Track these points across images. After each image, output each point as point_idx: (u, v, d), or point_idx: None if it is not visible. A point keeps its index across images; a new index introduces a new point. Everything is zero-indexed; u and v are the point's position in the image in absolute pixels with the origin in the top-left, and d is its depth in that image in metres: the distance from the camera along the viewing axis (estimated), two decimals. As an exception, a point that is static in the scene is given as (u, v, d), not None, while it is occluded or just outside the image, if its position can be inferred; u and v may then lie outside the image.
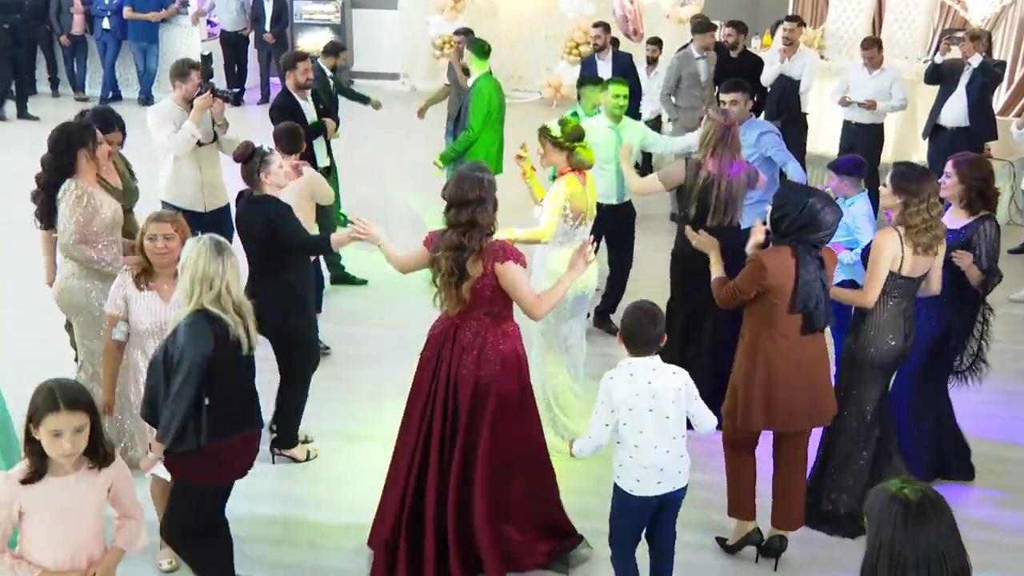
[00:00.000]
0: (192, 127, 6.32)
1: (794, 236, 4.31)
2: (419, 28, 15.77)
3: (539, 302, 4.34)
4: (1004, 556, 4.81)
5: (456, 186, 4.24)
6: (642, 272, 8.12)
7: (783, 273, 4.29)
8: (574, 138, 5.31)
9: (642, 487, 4.02)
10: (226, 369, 3.79)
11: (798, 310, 4.34)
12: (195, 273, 3.75)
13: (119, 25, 14.27)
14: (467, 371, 4.31)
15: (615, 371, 3.97)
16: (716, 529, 4.95)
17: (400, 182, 10.96)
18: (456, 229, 4.21)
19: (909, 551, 2.49)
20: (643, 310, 3.96)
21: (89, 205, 5.08)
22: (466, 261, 4.18)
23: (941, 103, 8.85)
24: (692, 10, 11.81)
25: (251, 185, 5.07)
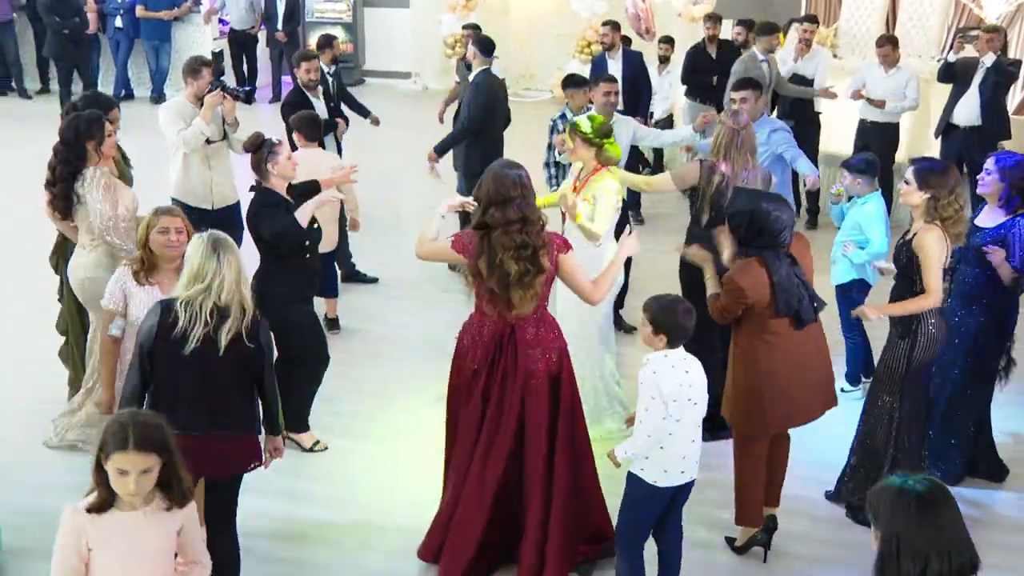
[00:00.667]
0: (202, 124, 6.34)
1: (754, 243, 4.35)
2: (431, 27, 15.76)
3: (597, 287, 4.37)
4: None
5: (495, 184, 4.16)
6: (653, 270, 8.10)
7: (759, 287, 4.32)
8: (603, 134, 5.33)
9: (668, 478, 4.00)
10: (162, 360, 3.77)
11: (783, 315, 4.36)
12: (191, 269, 3.77)
13: (132, 23, 14.31)
14: (539, 366, 4.26)
15: (654, 364, 3.94)
16: (722, 526, 4.94)
17: (409, 180, 10.97)
18: (506, 228, 4.12)
19: (930, 542, 2.49)
20: (681, 303, 4.03)
21: (115, 191, 5.20)
22: (537, 256, 4.13)
23: (954, 102, 8.79)
24: (704, 8, 11.77)
25: (259, 175, 5.11)
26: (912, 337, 4.74)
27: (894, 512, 2.54)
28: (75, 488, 4.75)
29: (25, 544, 4.62)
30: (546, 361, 4.27)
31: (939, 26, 11.11)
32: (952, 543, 2.51)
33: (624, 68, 9.56)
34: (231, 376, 3.85)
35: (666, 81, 10.69)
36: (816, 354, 4.57)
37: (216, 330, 3.74)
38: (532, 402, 4.27)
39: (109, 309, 4.46)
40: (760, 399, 4.47)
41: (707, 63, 10.19)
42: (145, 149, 6.44)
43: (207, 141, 6.44)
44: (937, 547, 2.49)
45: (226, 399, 3.88)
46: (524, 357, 4.24)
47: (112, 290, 4.46)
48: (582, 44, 14.64)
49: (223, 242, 3.82)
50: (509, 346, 4.25)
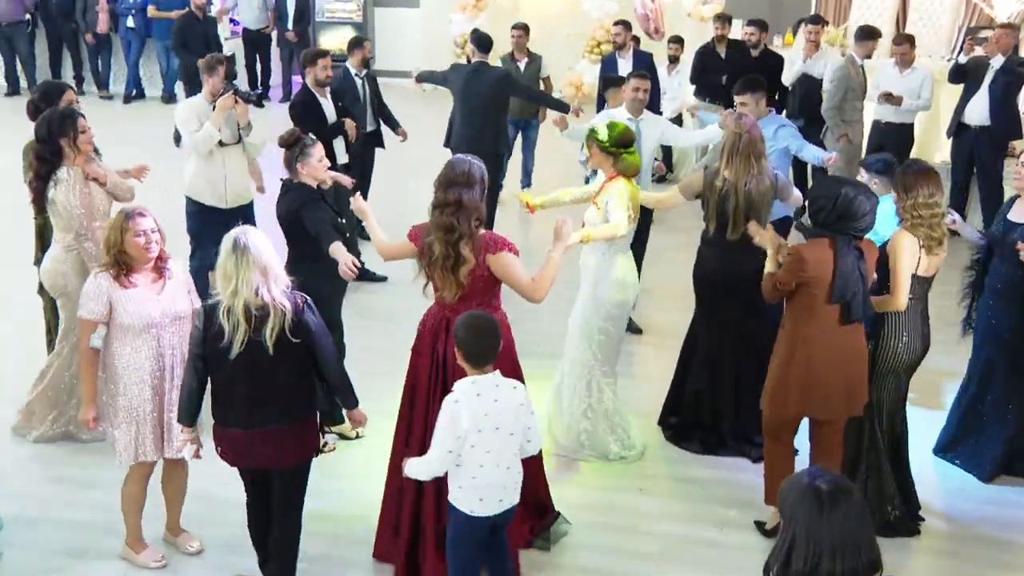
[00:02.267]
0: (212, 128, 6.34)
1: (832, 227, 4.35)
2: (441, 26, 15.79)
3: (536, 285, 4.29)
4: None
5: (447, 168, 4.31)
6: (661, 271, 8.12)
7: (822, 264, 4.35)
8: (621, 143, 5.23)
9: (484, 507, 3.86)
10: (213, 363, 3.93)
11: (835, 300, 4.38)
12: (219, 269, 3.85)
13: (143, 23, 14.41)
14: None
15: (458, 394, 3.77)
16: (731, 525, 4.96)
17: (417, 178, 10.98)
18: (444, 209, 4.23)
19: (825, 538, 2.49)
20: (478, 323, 3.80)
21: (86, 191, 5.25)
22: (459, 243, 4.19)
23: (965, 101, 8.79)
24: (714, 8, 11.78)
25: (290, 172, 5.15)
26: (875, 340, 4.76)
27: (795, 507, 2.55)
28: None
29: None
30: None
31: (950, 25, 11.08)
32: (847, 543, 2.49)
33: (634, 68, 9.57)
34: (283, 373, 3.93)
35: (675, 81, 10.70)
36: (854, 354, 4.56)
37: (258, 331, 3.81)
38: None
39: (90, 319, 4.30)
40: (793, 382, 4.52)
41: (717, 63, 10.19)
42: (156, 148, 6.48)
43: (220, 144, 6.45)
44: (831, 546, 2.48)
45: (281, 395, 3.96)
46: (451, 350, 4.17)
47: (91, 300, 4.29)
48: (592, 44, 14.66)
49: (243, 240, 3.83)
50: (443, 335, 4.33)
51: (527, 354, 6.40)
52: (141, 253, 4.28)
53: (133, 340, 4.31)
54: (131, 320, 4.27)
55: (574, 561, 4.70)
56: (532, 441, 3.95)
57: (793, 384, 4.52)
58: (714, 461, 5.57)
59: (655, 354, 6.95)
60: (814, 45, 9.60)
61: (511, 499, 3.94)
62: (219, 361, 3.89)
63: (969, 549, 4.89)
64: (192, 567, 4.63)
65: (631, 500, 5.19)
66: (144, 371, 4.33)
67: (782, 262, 4.58)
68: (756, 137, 5.30)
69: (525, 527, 4.66)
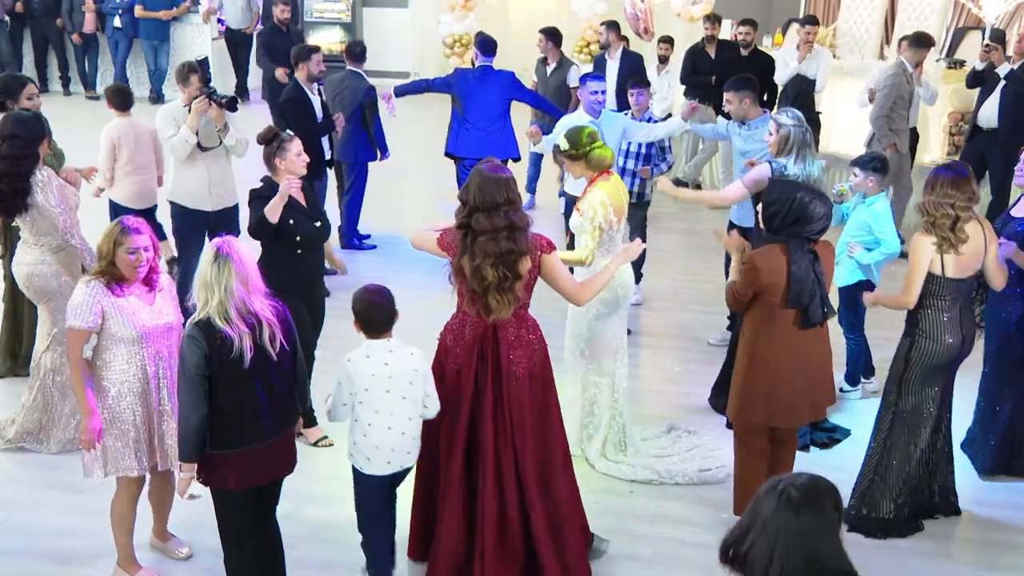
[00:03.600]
0: (187, 133, 6.30)
1: (787, 232, 4.37)
2: (430, 26, 15.77)
3: (583, 288, 4.36)
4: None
5: (482, 188, 4.10)
6: (656, 270, 8.13)
7: (776, 271, 4.36)
8: (584, 143, 5.19)
9: (372, 466, 4.12)
10: (225, 381, 3.76)
11: (791, 306, 4.39)
12: (202, 279, 3.75)
13: (130, 23, 14.37)
14: (520, 367, 4.22)
15: (353, 352, 4.06)
16: (718, 527, 4.87)
17: (409, 179, 10.97)
18: (493, 235, 4.07)
19: (771, 535, 2.44)
20: (371, 294, 4.07)
21: (62, 188, 5.27)
22: (516, 263, 4.11)
23: (980, 104, 8.81)
24: (703, 9, 11.77)
25: (268, 168, 5.17)
26: (911, 337, 4.77)
27: (759, 503, 2.51)
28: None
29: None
30: (528, 363, 4.25)
31: (938, 26, 11.12)
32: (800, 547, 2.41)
33: (621, 68, 9.60)
34: (282, 378, 3.93)
35: (665, 81, 10.72)
36: (818, 358, 4.57)
37: (259, 338, 3.78)
38: (516, 403, 4.24)
39: (84, 329, 4.14)
40: (755, 391, 4.53)
41: (706, 63, 10.22)
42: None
43: (202, 148, 6.40)
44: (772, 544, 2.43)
45: (282, 402, 3.96)
46: (506, 358, 4.21)
47: (84, 310, 4.14)
48: (581, 44, 14.65)
49: (225, 249, 3.77)
50: (491, 347, 4.23)
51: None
52: (130, 270, 4.17)
53: (124, 350, 4.21)
54: (123, 330, 4.17)
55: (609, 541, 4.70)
56: (429, 408, 4.16)
57: (757, 394, 4.53)
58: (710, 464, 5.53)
59: (652, 356, 6.98)
60: (810, 46, 9.62)
61: (400, 462, 4.15)
62: (230, 376, 3.76)
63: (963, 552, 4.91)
64: (182, 572, 4.59)
65: (623, 502, 5.19)
66: (133, 382, 4.24)
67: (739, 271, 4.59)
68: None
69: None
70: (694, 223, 9.76)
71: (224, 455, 3.85)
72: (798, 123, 5.56)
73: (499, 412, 4.23)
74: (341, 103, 8.19)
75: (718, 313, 7.15)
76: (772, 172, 5.51)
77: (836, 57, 11.29)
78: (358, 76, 8.48)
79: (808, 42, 9.62)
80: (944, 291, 4.67)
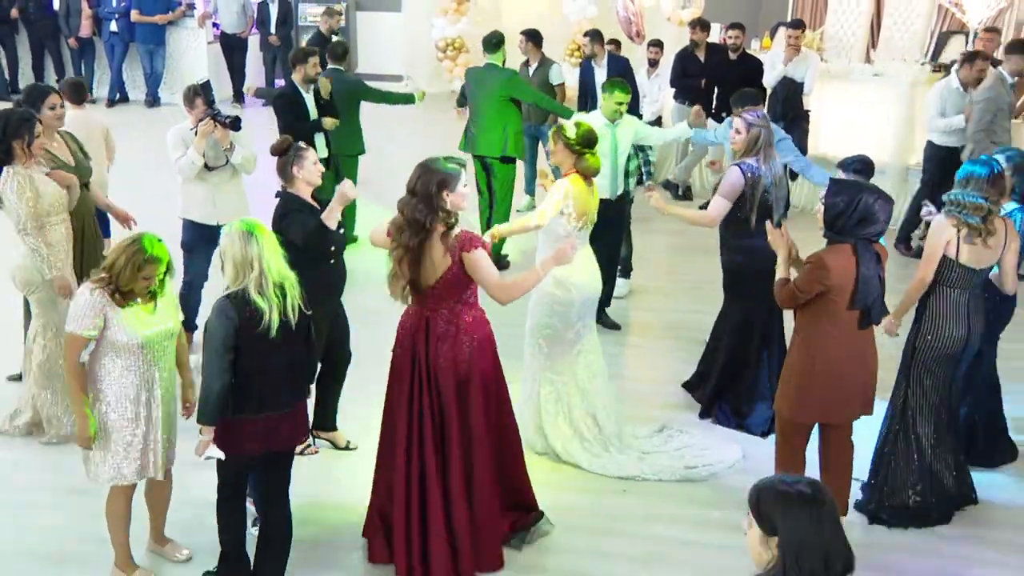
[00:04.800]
0: (195, 155, 6.34)
1: (851, 232, 4.34)
2: (423, 30, 15.90)
3: (505, 287, 4.40)
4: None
5: (416, 175, 4.36)
6: (648, 270, 8.25)
7: (845, 271, 4.33)
8: (586, 143, 5.31)
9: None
10: (252, 351, 3.95)
11: (858, 307, 4.39)
12: (235, 259, 3.92)
13: (126, 28, 14.44)
14: (446, 360, 4.37)
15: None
16: (709, 525, 5.00)
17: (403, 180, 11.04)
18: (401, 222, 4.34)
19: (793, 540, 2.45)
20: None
21: (32, 191, 5.31)
22: (403, 263, 4.32)
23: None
24: (692, 13, 11.92)
25: (284, 179, 5.12)
26: (918, 324, 4.90)
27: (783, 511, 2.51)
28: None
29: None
30: (454, 356, 4.37)
31: (923, 30, 11.30)
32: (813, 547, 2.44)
33: (608, 73, 9.69)
34: (301, 347, 4.14)
35: (655, 84, 10.83)
36: (869, 358, 4.61)
37: (283, 308, 3.97)
38: (445, 396, 4.40)
39: (82, 335, 4.12)
40: (814, 390, 4.52)
41: (696, 66, 10.34)
42: (140, 152, 6.50)
43: (208, 168, 6.44)
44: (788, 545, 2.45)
45: (302, 370, 4.19)
46: (433, 350, 4.38)
47: (86, 316, 4.10)
48: (572, 47, 14.80)
49: (253, 226, 3.97)
50: (421, 338, 4.40)
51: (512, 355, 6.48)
52: (142, 291, 4.18)
53: (124, 358, 4.19)
54: (126, 338, 4.15)
55: (557, 563, 4.71)
56: None
57: (816, 391, 4.52)
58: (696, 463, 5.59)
59: (640, 354, 7.03)
60: (794, 49, 9.76)
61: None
62: (255, 347, 3.95)
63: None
64: (180, 573, 4.61)
65: (614, 502, 5.23)
66: (131, 390, 4.22)
67: (797, 269, 4.56)
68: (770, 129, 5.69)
69: (505, 522, 4.71)
70: (682, 223, 9.82)
71: (246, 420, 4.04)
72: (766, 124, 5.67)
73: (419, 395, 4.41)
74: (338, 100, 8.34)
75: (709, 312, 7.00)
76: (744, 174, 5.57)
77: (823, 60, 11.45)
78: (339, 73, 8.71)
79: (793, 45, 9.74)
80: (955, 278, 4.79)
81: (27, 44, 15.05)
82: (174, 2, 14.82)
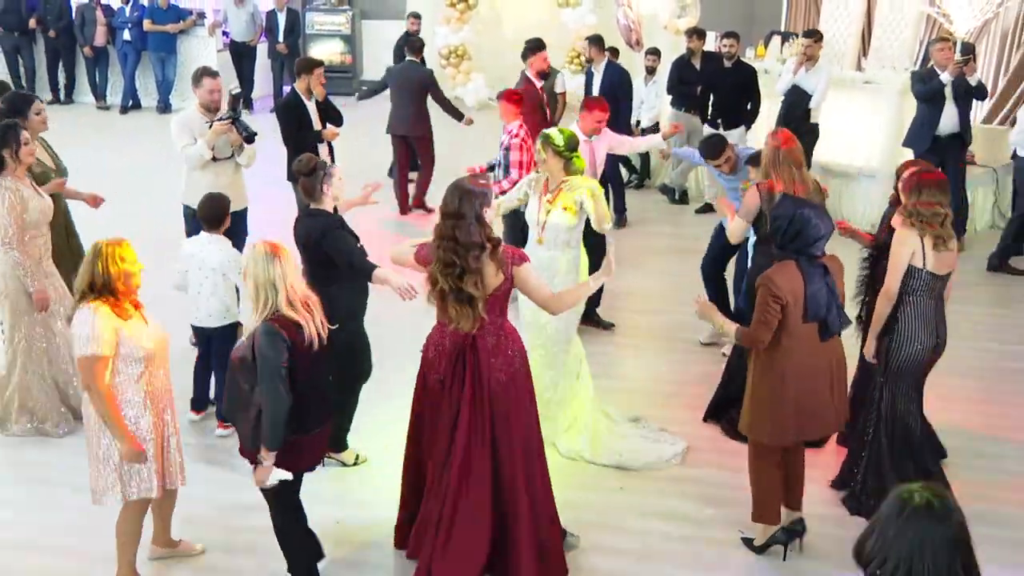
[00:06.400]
0: (204, 148, 6.50)
1: (791, 247, 4.43)
2: (426, 38, 16.15)
3: (558, 299, 4.43)
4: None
5: (448, 196, 4.23)
6: (638, 272, 8.49)
7: (793, 287, 4.38)
8: (572, 147, 5.56)
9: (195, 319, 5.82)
10: (303, 368, 3.96)
11: (811, 319, 4.43)
12: (258, 280, 3.92)
13: (139, 37, 14.87)
14: (501, 374, 4.29)
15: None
16: (703, 522, 5.10)
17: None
18: (440, 242, 4.19)
19: (891, 548, 2.45)
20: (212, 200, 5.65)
21: (18, 202, 5.39)
22: (463, 278, 4.15)
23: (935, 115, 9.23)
24: (688, 22, 12.22)
25: (311, 198, 5.04)
26: (889, 335, 4.98)
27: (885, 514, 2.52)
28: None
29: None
30: (509, 369, 4.32)
31: (912, 39, 11.60)
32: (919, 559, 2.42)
33: (604, 79, 9.93)
34: (329, 360, 4.21)
35: (653, 91, 11.07)
36: (836, 365, 4.62)
37: (316, 323, 4.00)
38: (501, 411, 4.31)
39: (106, 356, 4.07)
40: (785, 410, 4.52)
41: (692, 74, 10.52)
42: (152, 157, 6.57)
43: (214, 158, 6.64)
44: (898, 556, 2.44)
45: (328, 382, 4.24)
46: (486, 366, 4.27)
47: (103, 335, 4.06)
48: (572, 55, 15.10)
49: (276, 247, 3.98)
50: (471, 356, 4.28)
51: None
52: (127, 287, 4.16)
53: (135, 371, 4.18)
54: (131, 350, 4.13)
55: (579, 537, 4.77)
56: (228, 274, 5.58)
57: (787, 412, 4.51)
58: (692, 460, 5.68)
59: (633, 356, 7.08)
60: (808, 59, 9.59)
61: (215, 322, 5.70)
62: (305, 362, 3.96)
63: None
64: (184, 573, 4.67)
65: (610, 498, 5.28)
66: (147, 401, 4.22)
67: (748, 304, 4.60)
68: (794, 147, 5.54)
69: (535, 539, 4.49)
70: (680, 227, 10.08)
71: (305, 439, 4.07)
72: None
73: (477, 416, 4.28)
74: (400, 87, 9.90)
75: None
76: (759, 193, 5.62)
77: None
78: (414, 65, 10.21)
79: (808, 55, 9.57)
80: (923, 286, 4.87)
81: (43, 53, 15.46)
82: (185, 12, 15.30)
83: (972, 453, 5.75)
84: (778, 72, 10.21)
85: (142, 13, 14.79)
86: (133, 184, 9.85)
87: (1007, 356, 7.15)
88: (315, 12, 16.78)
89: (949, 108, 8.99)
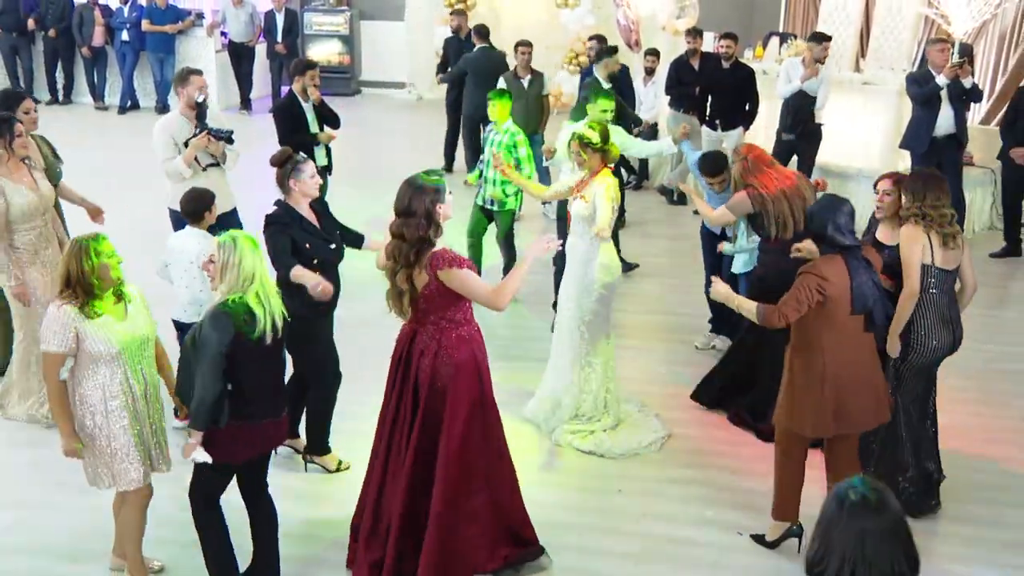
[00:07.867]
0: (183, 167, 6.40)
1: (826, 242, 4.52)
2: (425, 38, 16.22)
3: (496, 294, 4.35)
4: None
5: (402, 193, 4.32)
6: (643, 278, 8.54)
7: (840, 281, 4.45)
8: (607, 138, 5.74)
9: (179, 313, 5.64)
10: (248, 359, 4.04)
11: (858, 311, 4.49)
12: (243, 270, 4.01)
13: (138, 37, 14.85)
14: (424, 375, 4.35)
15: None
16: (704, 523, 5.13)
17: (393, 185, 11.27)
18: (392, 240, 4.31)
19: (835, 547, 2.47)
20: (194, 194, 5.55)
21: (3, 200, 5.45)
22: (398, 274, 4.28)
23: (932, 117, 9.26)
24: (687, 22, 12.23)
25: (282, 190, 5.10)
26: (907, 333, 4.99)
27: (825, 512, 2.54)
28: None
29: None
30: (431, 372, 4.33)
31: (910, 40, 11.63)
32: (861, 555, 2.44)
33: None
34: (281, 356, 4.26)
35: (651, 92, 11.08)
36: (875, 361, 4.70)
37: (273, 317, 4.09)
38: (430, 417, 4.37)
39: (58, 353, 4.12)
40: (821, 401, 4.55)
41: (690, 75, 10.53)
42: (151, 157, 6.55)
43: (201, 166, 6.53)
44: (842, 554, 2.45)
45: (282, 379, 4.27)
46: (416, 362, 4.38)
47: (58, 333, 4.10)
48: (570, 56, 15.10)
49: (253, 239, 4.11)
50: (406, 351, 4.43)
51: (513, 358, 6.64)
52: (112, 286, 4.19)
53: (105, 368, 4.17)
54: (102, 348, 4.13)
55: (553, 561, 4.73)
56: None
57: (828, 404, 4.54)
58: (691, 462, 5.70)
59: (633, 355, 7.04)
60: (822, 63, 9.56)
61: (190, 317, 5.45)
62: (253, 354, 4.04)
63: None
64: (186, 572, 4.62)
65: (610, 501, 5.30)
66: (121, 396, 4.22)
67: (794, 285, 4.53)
68: (758, 152, 5.90)
69: (500, 553, 4.59)
70: (679, 228, 10.09)
71: (243, 426, 4.10)
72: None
73: (405, 413, 4.42)
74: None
75: (702, 316, 7.27)
76: (751, 199, 5.79)
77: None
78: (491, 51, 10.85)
79: (819, 60, 9.52)
80: (935, 282, 4.93)
81: (41, 53, 15.44)
82: (183, 12, 15.28)
83: (971, 454, 5.76)
84: (776, 73, 10.21)
85: (140, 13, 14.77)
86: (132, 184, 9.86)
87: (1005, 358, 7.17)
88: (313, 12, 16.76)
89: (945, 109, 9.00)
